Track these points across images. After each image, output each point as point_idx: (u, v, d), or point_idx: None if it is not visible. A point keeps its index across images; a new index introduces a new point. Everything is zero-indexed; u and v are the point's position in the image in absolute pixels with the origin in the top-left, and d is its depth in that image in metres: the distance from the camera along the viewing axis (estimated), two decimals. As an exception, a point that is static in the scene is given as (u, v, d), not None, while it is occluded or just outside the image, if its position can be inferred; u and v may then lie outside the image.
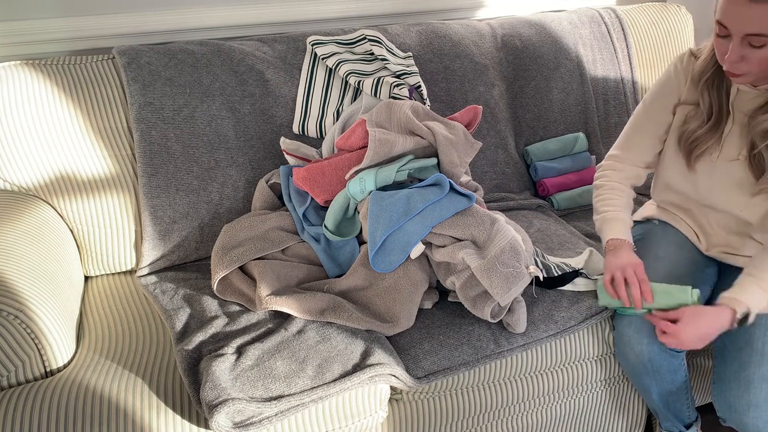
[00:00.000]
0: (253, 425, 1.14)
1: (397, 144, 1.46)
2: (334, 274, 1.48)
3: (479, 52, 1.87)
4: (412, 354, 1.33)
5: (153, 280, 1.50)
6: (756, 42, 1.17)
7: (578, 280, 1.48)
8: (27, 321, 1.15)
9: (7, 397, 1.11)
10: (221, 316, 1.34)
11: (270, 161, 1.64)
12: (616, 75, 2.02)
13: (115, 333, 1.33)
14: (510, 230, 1.34)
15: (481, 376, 1.37)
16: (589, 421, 1.57)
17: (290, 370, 1.21)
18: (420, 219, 1.37)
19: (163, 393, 1.17)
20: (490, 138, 1.85)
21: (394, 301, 1.37)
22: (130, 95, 1.51)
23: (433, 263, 1.42)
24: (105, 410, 1.12)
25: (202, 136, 1.57)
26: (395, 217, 1.36)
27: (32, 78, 1.47)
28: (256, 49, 1.68)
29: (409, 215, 1.36)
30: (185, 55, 1.58)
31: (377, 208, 1.38)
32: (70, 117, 1.48)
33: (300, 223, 1.52)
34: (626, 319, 1.39)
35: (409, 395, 1.34)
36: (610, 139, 2.02)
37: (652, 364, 1.37)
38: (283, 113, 1.66)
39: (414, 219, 1.37)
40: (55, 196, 1.49)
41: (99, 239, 1.53)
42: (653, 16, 2.08)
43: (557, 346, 1.43)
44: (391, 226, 1.35)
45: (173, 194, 1.54)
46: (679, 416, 1.47)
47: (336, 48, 1.72)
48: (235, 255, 1.42)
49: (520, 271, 1.30)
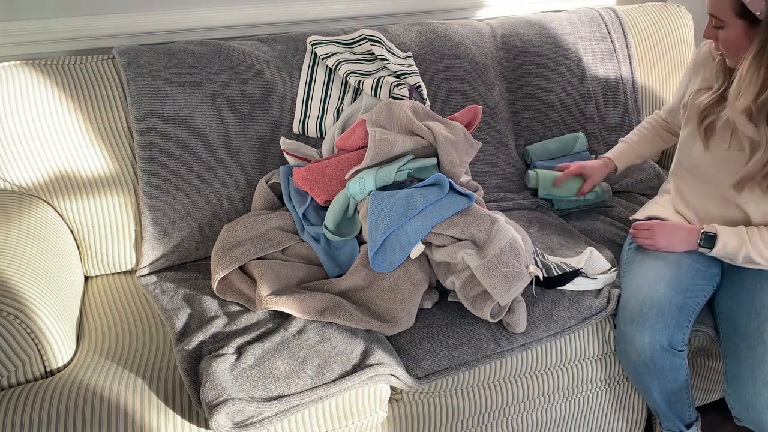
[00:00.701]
0: (253, 425, 1.14)
1: (397, 144, 1.46)
2: (334, 274, 1.48)
3: (479, 52, 1.87)
4: (412, 354, 1.33)
5: (153, 280, 1.50)
6: (716, 23, 1.30)
7: (578, 280, 1.48)
8: (27, 321, 1.15)
9: (7, 397, 1.11)
10: (221, 316, 1.34)
11: (270, 161, 1.64)
12: (616, 75, 2.02)
13: (115, 333, 1.33)
14: (510, 230, 1.35)
15: (481, 376, 1.37)
16: (589, 421, 1.57)
17: (290, 370, 1.21)
18: (420, 219, 1.37)
19: (163, 393, 1.17)
20: (490, 138, 1.85)
21: (394, 301, 1.37)
22: (130, 95, 1.51)
23: (433, 263, 1.42)
24: (105, 410, 1.12)
25: (202, 136, 1.57)
26: (395, 217, 1.36)
27: (32, 78, 1.47)
28: (256, 49, 1.68)
29: (409, 215, 1.36)
30: (185, 55, 1.58)
31: (377, 208, 1.38)
32: (70, 117, 1.48)
33: (300, 223, 1.52)
34: (628, 317, 1.39)
35: (409, 395, 1.34)
36: (611, 139, 2.02)
37: (653, 363, 1.37)
38: (283, 113, 1.66)
39: (414, 219, 1.37)
40: (55, 196, 1.49)
41: (99, 239, 1.53)
42: (653, 16, 2.08)
43: (557, 346, 1.43)
44: (391, 226, 1.35)
45: (173, 194, 1.54)
46: (679, 416, 1.48)
47: (336, 48, 1.72)
48: (235, 255, 1.42)
49: (520, 270, 1.30)
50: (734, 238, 1.38)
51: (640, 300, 1.39)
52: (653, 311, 1.36)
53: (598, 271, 1.52)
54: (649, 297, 1.38)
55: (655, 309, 1.36)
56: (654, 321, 1.36)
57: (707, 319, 1.47)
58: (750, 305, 1.38)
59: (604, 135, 2.01)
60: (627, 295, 1.43)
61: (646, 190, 1.95)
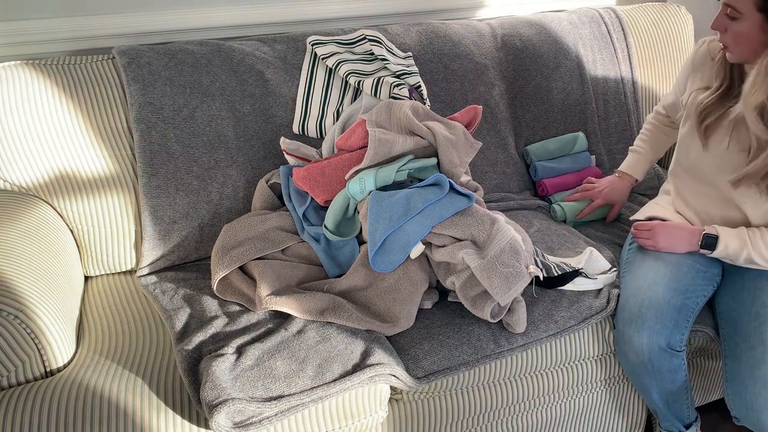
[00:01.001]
0: (253, 425, 1.14)
1: (396, 144, 1.46)
2: (334, 274, 1.48)
3: (479, 52, 1.87)
4: (412, 354, 1.33)
5: (153, 280, 1.50)
6: (732, 14, 1.28)
7: (578, 280, 1.48)
8: (27, 321, 1.15)
9: (7, 397, 1.11)
10: (221, 316, 1.34)
11: (270, 161, 1.64)
12: (616, 75, 2.02)
13: (115, 333, 1.33)
14: (510, 230, 1.35)
15: (481, 376, 1.37)
16: (589, 421, 1.57)
17: (290, 370, 1.21)
18: (420, 219, 1.37)
19: (163, 393, 1.17)
20: (490, 138, 1.85)
21: (394, 301, 1.37)
22: (130, 95, 1.51)
23: (433, 263, 1.42)
24: (105, 410, 1.12)
25: (202, 136, 1.57)
26: (395, 217, 1.36)
27: (32, 78, 1.47)
28: (256, 49, 1.68)
29: (409, 215, 1.36)
30: (185, 55, 1.58)
31: (377, 208, 1.38)
32: (70, 117, 1.48)
33: (300, 223, 1.52)
34: (627, 317, 1.39)
35: (409, 395, 1.34)
36: (610, 139, 2.02)
37: (652, 364, 1.37)
38: (283, 113, 1.66)
39: (413, 219, 1.37)
40: (55, 196, 1.49)
41: (99, 239, 1.53)
42: (653, 16, 2.08)
43: (557, 346, 1.43)
44: (391, 226, 1.35)
45: (173, 194, 1.54)
46: (678, 416, 1.47)
47: (336, 48, 1.72)
48: (235, 255, 1.42)
49: (520, 270, 1.30)
50: (735, 239, 1.38)
51: (639, 300, 1.39)
52: (652, 312, 1.36)
53: (598, 271, 1.52)
54: (648, 297, 1.38)
55: (654, 309, 1.36)
56: (652, 321, 1.36)
57: (707, 319, 1.47)
58: (751, 305, 1.38)
59: (604, 135, 2.01)
60: (626, 296, 1.43)
61: (646, 190, 1.95)
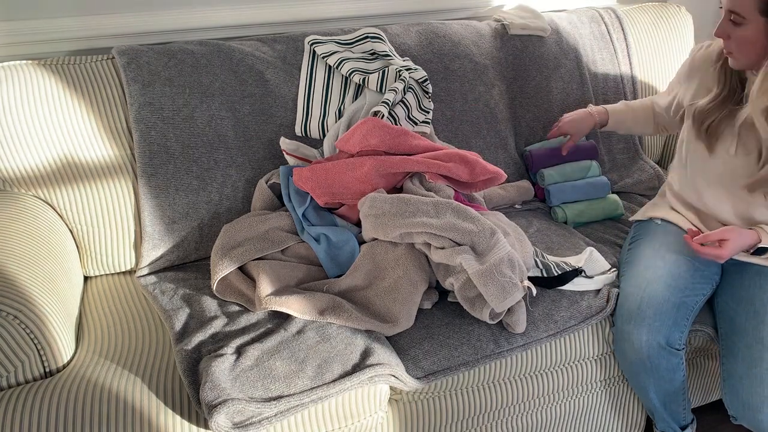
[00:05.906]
0: (253, 425, 1.14)
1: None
2: (334, 274, 1.48)
3: (479, 52, 1.87)
4: (412, 354, 1.33)
5: (152, 280, 1.50)
6: (735, 19, 1.27)
7: (578, 280, 1.48)
8: (27, 321, 1.15)
9: (7, 397, 1.11)
10: (221, 316, 1.34)
11: (270, 161, 1.64)
12: (616, 75, 2.02)
13: (115, 333, 1.33)
14: (507, 245, 1.35)
15: (481, 376, 1.37)
16: (588, 422, 1.57)
17: (290, 370, 1.21)
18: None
19: (163, 393, 1.17)
20: (490, 138, 1.85)
21: (394, 301, 1.37)
22: (130, 95, 1.51)
23: (433, 264, 1.42)
24: (105, 410, 1.12)
25: (202, 136, 1.57)
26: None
27: (32, 78, 1.47)
28: (256, 49, 1.68)
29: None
30: (185, 55, 1.58)
31: None
32: (70, 117, 1.48)
33: (300, 224, 1.52)
34: (626, 315, 1.39)
35: (409, 395, 1.34)
36: (611, 139, 2.02)
37: (650, 361, 1.37)
38: (283, 113, 1.66)
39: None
40: (55, 197, 1.49)
41: (99, 239, 1.53)
42: (653, 16, 2.08)
43: (557, 346, 1.43)
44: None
45: (173, 194, 1.54)
46: (674, 417, 1.48)
47: (335, 47, 1.72)
48: (235, 255, 1.42)
49: (516, 283, 1.31)
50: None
51: (638, 298, 1.39)
52: (651, 309, 1.37)
53: (597, 271, 1.52)
54: (647, 295, 1.38)
55: (653, 307, 1.37)
56: (652, 319, 1.36)
57: (707, 319, 1.48)
58: (749, 304, 1.38)
59: (603, 135, 2.01)
60: (625, 294, 1.43)
61: (646, 191, 1.95)
